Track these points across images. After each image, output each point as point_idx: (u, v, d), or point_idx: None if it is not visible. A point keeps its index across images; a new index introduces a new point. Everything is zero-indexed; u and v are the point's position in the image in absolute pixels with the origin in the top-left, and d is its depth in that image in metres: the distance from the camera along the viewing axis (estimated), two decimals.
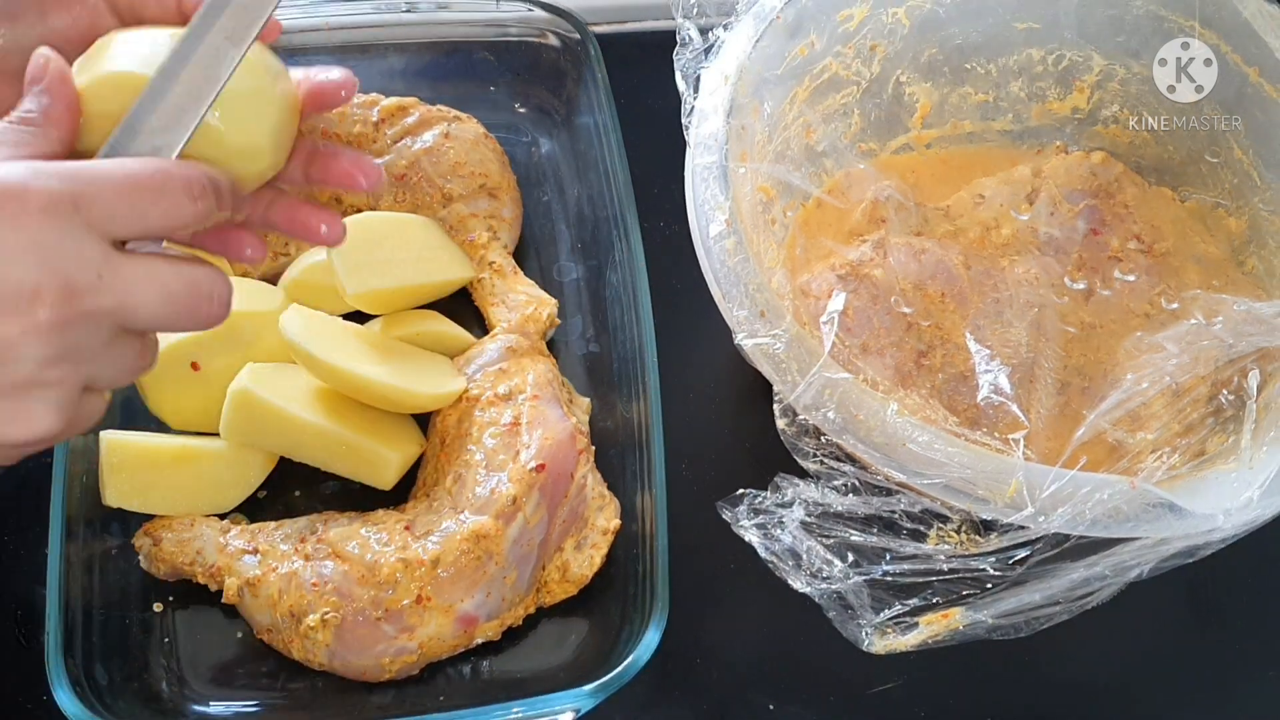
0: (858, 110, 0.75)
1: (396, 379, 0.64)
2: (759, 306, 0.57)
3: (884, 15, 0.71)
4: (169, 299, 0.41)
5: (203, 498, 0.65)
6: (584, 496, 0.65)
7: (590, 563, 0.64)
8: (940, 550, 0.55)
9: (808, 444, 0.56)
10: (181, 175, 0.40)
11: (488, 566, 0.60)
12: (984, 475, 0.52)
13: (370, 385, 0.64)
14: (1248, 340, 0.60)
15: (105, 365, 0.41)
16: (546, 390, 0.66)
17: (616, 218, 0.72)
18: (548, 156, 0.81)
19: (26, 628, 0.63)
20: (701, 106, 0.64)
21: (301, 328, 0.64)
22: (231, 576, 0.61)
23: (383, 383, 0.64)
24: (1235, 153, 0.71)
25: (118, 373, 0.42)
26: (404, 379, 0.65)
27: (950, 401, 0.65)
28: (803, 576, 0.55)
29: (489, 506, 0.61)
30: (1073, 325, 0.69)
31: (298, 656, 0.60)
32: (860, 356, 0.65)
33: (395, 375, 0.65)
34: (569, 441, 0.64)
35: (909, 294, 0.68)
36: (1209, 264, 0.72)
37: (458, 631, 0.60)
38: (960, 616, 0.55)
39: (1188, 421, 0.62)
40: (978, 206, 0.74)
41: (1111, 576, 0.54)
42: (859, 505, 0.55)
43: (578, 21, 0.79)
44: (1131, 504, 0.52)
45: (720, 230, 0.59)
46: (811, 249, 0.71)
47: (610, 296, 0.73)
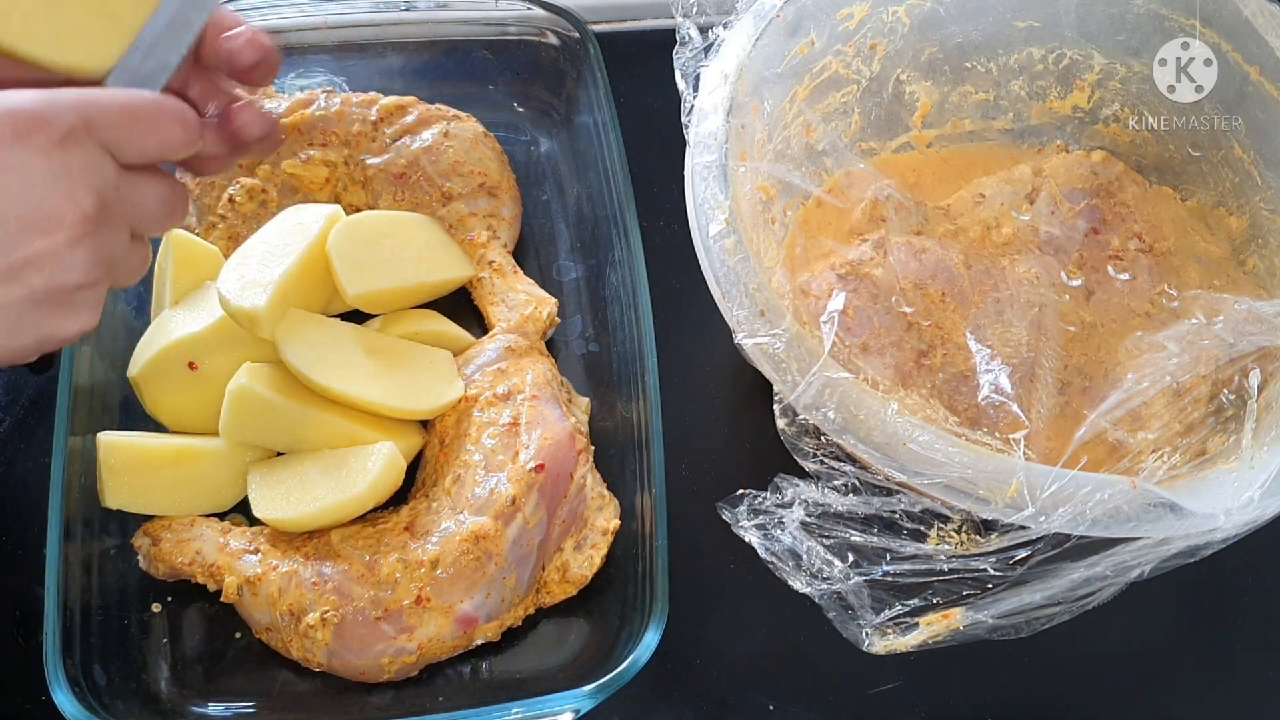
0: (858, 109, 0.75)
1: (395, 397, 0.65)
2: (759, 306, 0.57)
3: (884, 14, 0.71)
4: (164, 204, 0.47)
5: (201, 498, 0.64)
6: (583, 497, 0.65)
7: (590, 563, 0.64)
8: (941, 550, 0.55)
9: (808, 444, 0.56)
10: (172, 107, 0.46)
11: (487, 567, 0.60)
12: (984, 475, 0.52)
13: (369, 405, 0.64)
14: (1249, 339, 0.60)
15: (124, 267, 0.47)
16: (545, 390, 0.66)
17: (616, 217, 0.72)
18: (547, 156, 0.81)
19: (25, 628, 0.63)
20: (701, 105, 0.63)
21: (298, 345, 0.63)
22: (231, 575, 0.61)
23: (381, 403, 0.64)
24: (1236, 151, 0.70)
25: (133, 272, 0.48)
26: (403, 395, 0.65)
27: (951, 401, 0.65)
28: (803, 577, 0.55)
29: (488, 507, 0.61)
30: (1073, 324, 0.69)
31: (297, 656, 0.60)
32: (860, 356, 0.65)
33: (394, 392, 0.65)
34: (568, 441, 0.64)
35: (909, 293, 0.68)
36: (1210, 263, 0.72)
37: (457, 632, 0.60)
38: (961, 617, 0.55)
39: (1189, 421, 0.61)
40: (978, 206, 0.74)
41: (1112, 577, 0.54)
42: (859, 505, 0.55)
43: (577, 20, 0.79)
44: (1132, 504, 0.52)
45: (720, 229, 0.59)
46: (811, 248, 0.71)
47: (610, 296, 0.73)
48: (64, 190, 0.42)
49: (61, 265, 0.43)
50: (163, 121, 0.45)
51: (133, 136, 0.44)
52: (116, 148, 0.44)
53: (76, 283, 0.44)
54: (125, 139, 0.44)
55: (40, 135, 0.42)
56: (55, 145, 0.42)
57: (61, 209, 0.43)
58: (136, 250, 0.48)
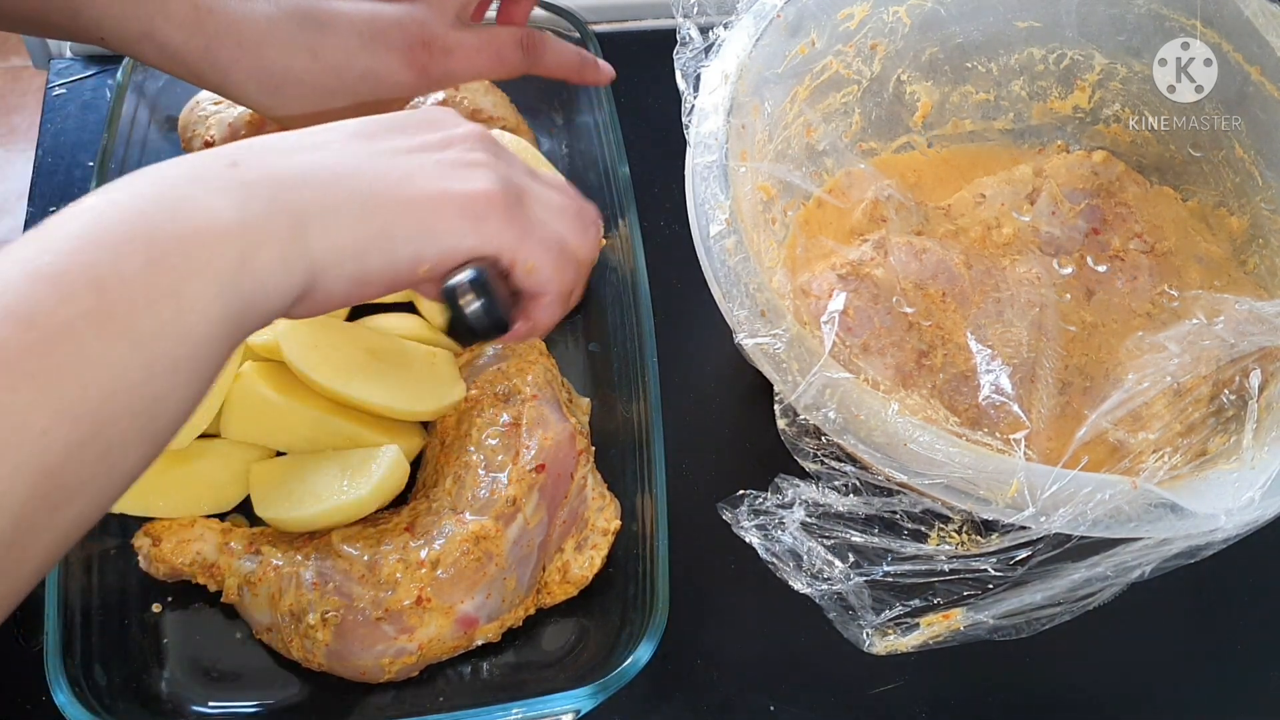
0: (858, 109, 0.75)
1: (398, 399, 0.65)
2: (759, 306, 0.57)
3: (885, 14, 0.71)
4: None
5: (202, 498, 0.64)
6: (584, 497, 0.65)
7: (590, 564, 0.64)
8: (941, 551, 0.54)
9: (808, 444, 0.56)
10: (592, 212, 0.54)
11: (488, 567, 0.60)
12: (985, 475, 0.52)
13: (372, 406, 0.64)
14: (1249, 340, 0.60)
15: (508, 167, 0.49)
16: (546, 391, 0.66)
17: (616, 217, 0.72)
18: (547, 155, 0.81)
19: (25, 628, 0.63)
20: (701, 105, 0.63)
21: (300, 346, 0.63)
22: (231, 576, 0.61)
23: (384, 404, 0.64)
24: (1237, 152, 0.70)
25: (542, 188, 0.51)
26: (405, 396, 0.65)
27: (951, 401, 0.65)
28: (803, 577, 0.55)
29: (488, 508, 0.61)
30: (1074, 325, 0.69)
31: (297, 656, 0.60)
32: (861, 356, 0.65)
33: (396, 393, 0.65)
34: (569, 442, 0.64)
35: (910, 293, 0.68)
36: (1211, 263, 0.72)
37: (458, 632, 0.60)
38: (961, 617, 0.55)
39: (1189, 421, 0.61)
40: (979, 206, 0.74)
41: (1113, 577, 0.54)
42: (860, 506, 0.55)
43: (578, 20, 0.79)
44: (1133, 504, 0.52)
45: (720, 229, 0.59)
46: (812, 248, 0.71)
47: (610, 296, 0.73)
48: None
49: (445, 131, 0.48)
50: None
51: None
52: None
53: (459, 154, 0.47)
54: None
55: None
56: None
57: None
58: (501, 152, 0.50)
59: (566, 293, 0.50)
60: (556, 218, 0.49)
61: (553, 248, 0.48)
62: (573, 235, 0.49)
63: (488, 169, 0.46)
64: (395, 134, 0.46)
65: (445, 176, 0.45)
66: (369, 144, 0.45)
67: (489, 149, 0.48)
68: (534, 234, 0.47)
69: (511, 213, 0.46)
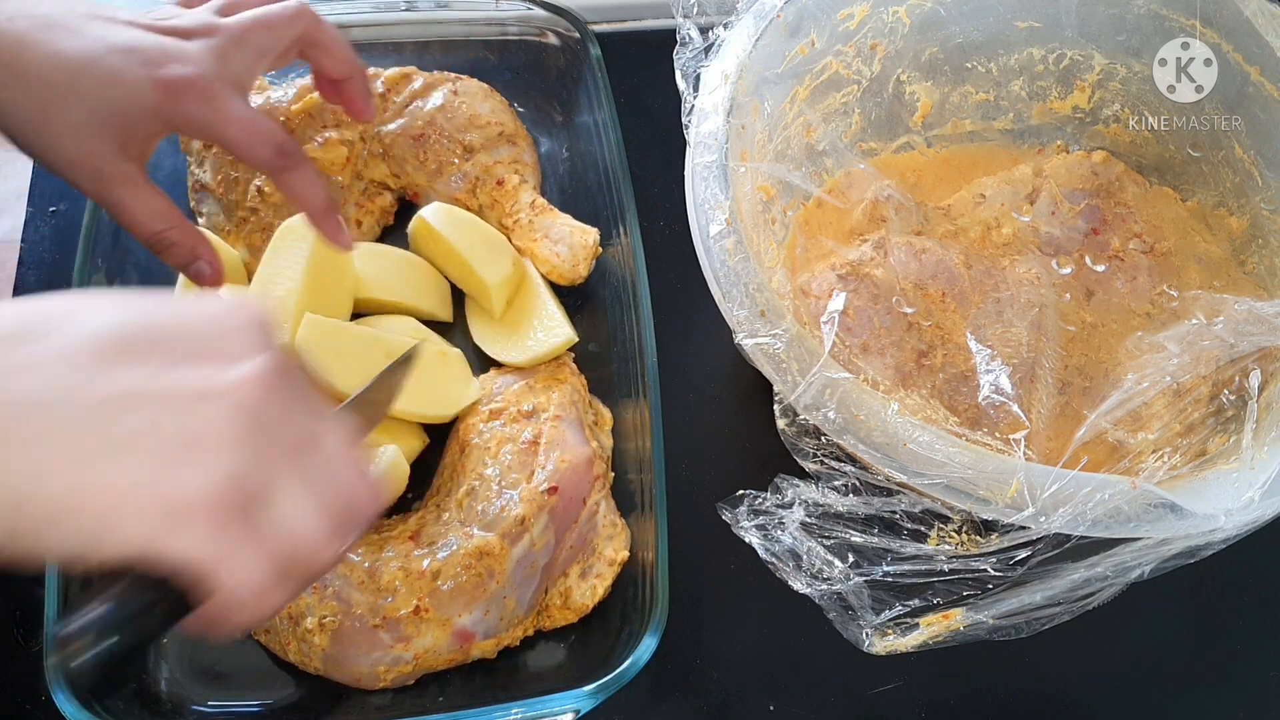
0: (858, 109, 0.75)
1: (415, 402, 0.65)
2: (759, 306, 0.56)
3: (884, 14, 0.71)
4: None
5: None
6: (594, 524, 0.64)
7: (593, 592, 0.63)
8: (941, 551, 0.54)
9: (808, 444, 0.56)
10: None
11: (489, 584, 0.60)
12: (985, 475, 0.52)
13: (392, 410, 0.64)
14: (1249, 340, 0.60)
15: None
16: (570, 411, 0.66)
17: (616, 217, 0.72)
18: (548, 156, 0.81)
19: (26, 628, 0.62)
20: (701, 105, 0.63)
21: (318, 351, 0.63)
22: None
23: (403, 409, 0.65)
24: (1236, 152, 0.70)
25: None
26: (424, 399, 0.65)
27: (951, 401, 0.65)
28: (803, 577, 0.55)
29: (496, 524, 0.61)
30: (1074, 325, 0.69)
31: (294, 659, 0.60)
32: (861, 356, 0.65)
33: (414, 396, 0.64)
34: (585, 466, 0.64)
35: (910, 294, 0.68)
36: (1210, 263, 0.72)
37: (454, 645, 0.60)
38: (961, 617, 0.55)
39: (1189, 421, 0.61)
40: (978, 206, 0.74)
41: (1113, 577, 0.54)
42: (859, 506, 0.55)
43: (578, 20, 0.79)
44: (1133, 504, 0.52)
45: (720, 229, 0.59)
46: (812, 248, 0.70)
47: (610, 296, 0.73)
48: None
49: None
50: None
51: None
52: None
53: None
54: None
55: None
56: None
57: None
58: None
59: (272, 610, 0.39)
60: (306, 515, 0.38)
61: (275, 561, 0.37)
62: (317, 536, 0.38)
63: (218, 455, 0.35)
64: (140, 362, 0.36)
65: (154, 458, 0.35)
66: (94, 377, 0.35)
67: (245, 418, 0.36)
68: (251, 547, 0.36)
69: (225, 520, 0.35)
